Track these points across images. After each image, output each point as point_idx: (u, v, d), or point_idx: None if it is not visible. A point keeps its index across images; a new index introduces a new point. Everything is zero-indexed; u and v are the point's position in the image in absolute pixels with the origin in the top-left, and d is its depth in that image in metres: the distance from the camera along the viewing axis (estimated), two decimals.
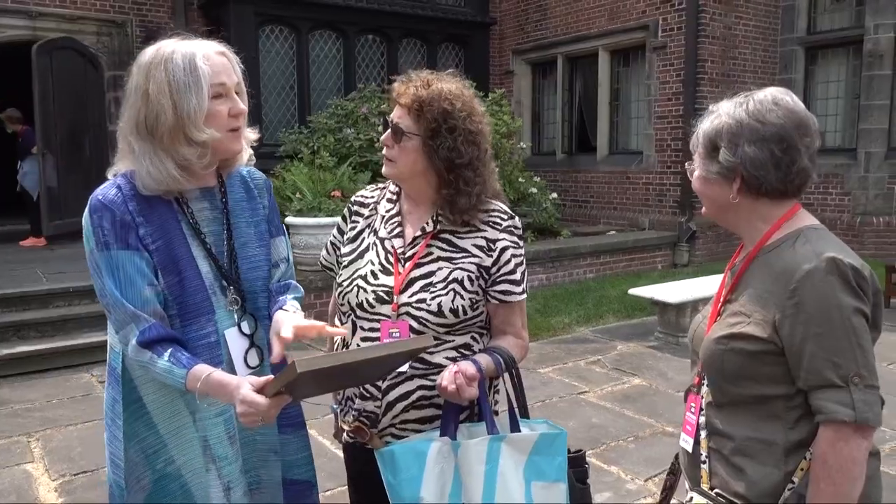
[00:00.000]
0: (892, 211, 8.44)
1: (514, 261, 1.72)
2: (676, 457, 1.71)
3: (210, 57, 1.49)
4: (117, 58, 9.13)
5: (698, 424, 1.47)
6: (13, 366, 5.00)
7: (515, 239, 1.74)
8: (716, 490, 1.40)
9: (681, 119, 8.87)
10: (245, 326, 1.61)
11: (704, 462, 1.44)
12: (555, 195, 8.97)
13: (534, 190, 8.43)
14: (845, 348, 1.27)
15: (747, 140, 1.36)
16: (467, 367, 1.59)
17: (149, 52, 1.52)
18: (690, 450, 1.47)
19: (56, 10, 8.70)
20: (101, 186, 1.52)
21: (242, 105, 1.54)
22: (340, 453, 3.49)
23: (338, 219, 1.99)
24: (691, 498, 1.42)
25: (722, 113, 1.42)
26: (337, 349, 1.80)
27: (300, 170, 7.20)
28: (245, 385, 1.40)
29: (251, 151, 1.66)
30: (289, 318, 1.57)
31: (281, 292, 1.71)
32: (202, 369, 1.44)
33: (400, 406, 1.68)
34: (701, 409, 1.46)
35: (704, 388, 1.47)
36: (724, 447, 1.41)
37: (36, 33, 8.62)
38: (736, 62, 9.04)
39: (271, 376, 1.42)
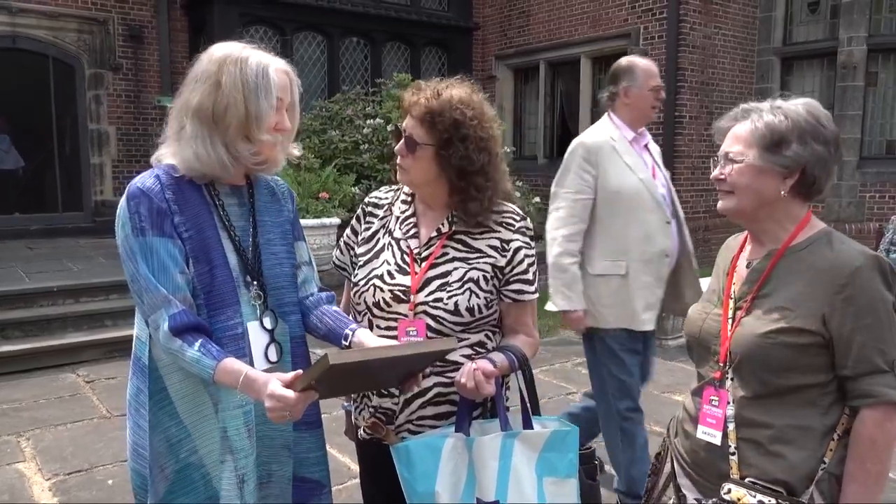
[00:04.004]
0: (863, 218, 8.67)
1: (526, 261, 1.77)
2: (657, 456, 1.75)
3: (279, 70, 1.58)
4: (98, 56, 9.05)
5: (725, 417, 1.50)
6: None
7: (527, 240, 1.80)
8: (749, 479, 1.45)
9: (661, 126, 9.01)
10: (267, 321, 1.65)
11: (733, 454, 1.48)
12: (537, 199, 9.05)
13: (516, 194, 8.50)
14: (889, 338, 1.39)
15: (813, 138, 1.45)
16: (485, 364, 1.64)
17: (222, 48, 1.58)
18: (719, 443, 1.51)
19: (37, 7, 8.60)
20: (140, 175, 1.57)
21: (289, 123, 1.62)
22: (339, 455, 3.54)
23: (325, 220, 2.05)
24: (729, 490, 1.44)
25: (786, 109, 1.48)
26: None
27: (286, 171, 7.20)
28: (273, 381, 1.43)
29: (283, 162, 1.72)
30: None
31: (330, 301, 1.79)
32: (232, 364, 1.48)
33: (417, 403, 1.73)
34: (728, 402, 1.50)
35: (730, 382, 1.51)
36: (761, 436, 1.46)
37: (16, 30, 8.52)
38: (715, 71, 9.22)
39: (299, 371, 1.45)
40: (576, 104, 10.30)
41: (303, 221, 6.15)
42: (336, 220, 6.39)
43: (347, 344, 1.68)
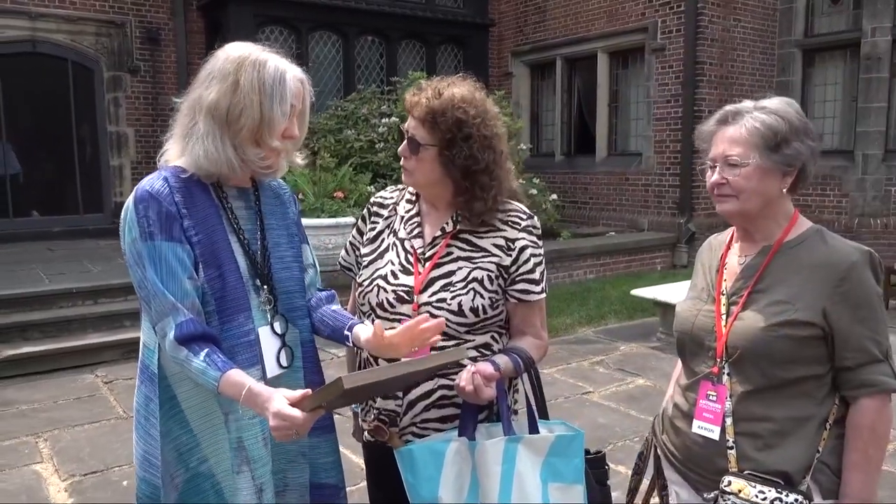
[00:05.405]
0: (889, 212, 8.49)
1: (533, 260, 1.73)
2: (640, 455, 1.77)
3: (295, 78, 1.56)
4: (116, 58, 9.16)
5: (724, 412, 1.51)
6: (18, 366, 5.00)
7: (534, 238, 1.76)
8: (747, 472, 1.47)
9: (680, 121, 8.90)
10: (277, 326, 1.62)
11: (732, 448, 1.50)
12: (554, 196, 8.99)
13: (533, 191, 8.46)
14: (882, 329, 1.47)
15: (805, 134, 1.50)
16: (485, 367, 1.60)
17: (239, 48, 1.56)
18: (717, 438, 1.52)
19: (56, 11, 8.71)
20: (148, 178, 1.54)
21: (297, 131, 1.60)
22: (353, 455, 3.53)
23: (340, 219, 2.02)
24: (730, 482, 1.46)
25: (776, 109, 1.50)
26: (358, 352, 1.82)
27: (301, 171, 7.20)
28: (279, 398, 1.39)
29: (286, 169, 1.70)
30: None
31: (330, 301, 1.76)
32: (236, 376, 1.44)
33: (421, 405, 1.70)
34: (727, 397, 1.51)
35: (726, 377, 1.52)
36: (761, 429, 1.49)
37: (36, 34, 8.63)
38: (734, 64, 9.08)
39: (308, 390, 1.42)
40: (593, 100, 10.20)
41: (318, 221, 6.25)
42: (351, 220, 6.37)
43: (350, 345, 1.66)
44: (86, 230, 8.96)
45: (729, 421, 1.50)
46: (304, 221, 6.15)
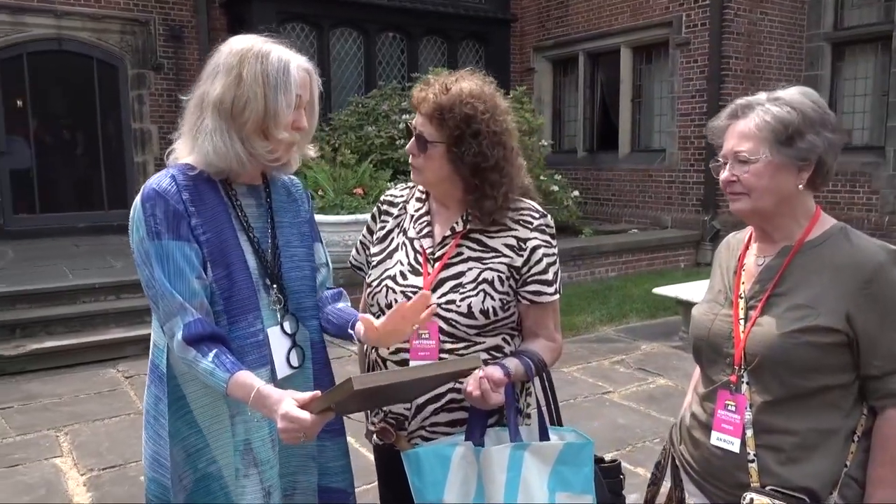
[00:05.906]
0: None
1: (545, 260, 1.68)
2: (657, 466, 1.70)
3: (300, 68, 1.53)
4: (140, 56, 9.24)
5: (743, 423, 1.44)
6: (41, 360, 5.07)
7: (547, 238, 1.71)
8: (769, 487, 1.39)
9: (704, 116, 8.75)
10: (287, 326, 1.60)
11: (753, 461, 1.42)
12: (576, 193, 8.91)
13: (555, 188, 8.39)
14: None
15: (822, 126, 1.40)
16: (494, 371, 1.56)
17: (243, 41, 1.54)
18: (737, 450, 1.44)
19: (81, 10, 8.80)
20: (155, 176, 1.53)
21: (305, 122, 1.57)
22: (369, 454, 3.51)
23: (359, 216, 1.98)
24: (752, 500, 1.39)
25: (789, 101, 1.42)
26: (367, 353, 1.79)
27: (321, 167, 7.21)
28: (287, 400, 1.37)
29: (299, 163, 1.67)
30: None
31: (336, 299, 1.73)
32: (245, 377, 1.42)
33: (430, 409, 1.67)
34: (746, 407, 1.44)
35: (745, 386, 1.44)
36: (783, 443, 1.40)
37: (62, 32, 8.74)
38: (761, 59, 8.91)
39: (317, 392, 1.39)
40: (616, 95, 10.09)
41: (337, 217, 6.24)
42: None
43: (356, 341, 1.65)
44: (110, 226, 9.04)
45: (749, 433, 1.43)
46: (324, 218, 6.12)
